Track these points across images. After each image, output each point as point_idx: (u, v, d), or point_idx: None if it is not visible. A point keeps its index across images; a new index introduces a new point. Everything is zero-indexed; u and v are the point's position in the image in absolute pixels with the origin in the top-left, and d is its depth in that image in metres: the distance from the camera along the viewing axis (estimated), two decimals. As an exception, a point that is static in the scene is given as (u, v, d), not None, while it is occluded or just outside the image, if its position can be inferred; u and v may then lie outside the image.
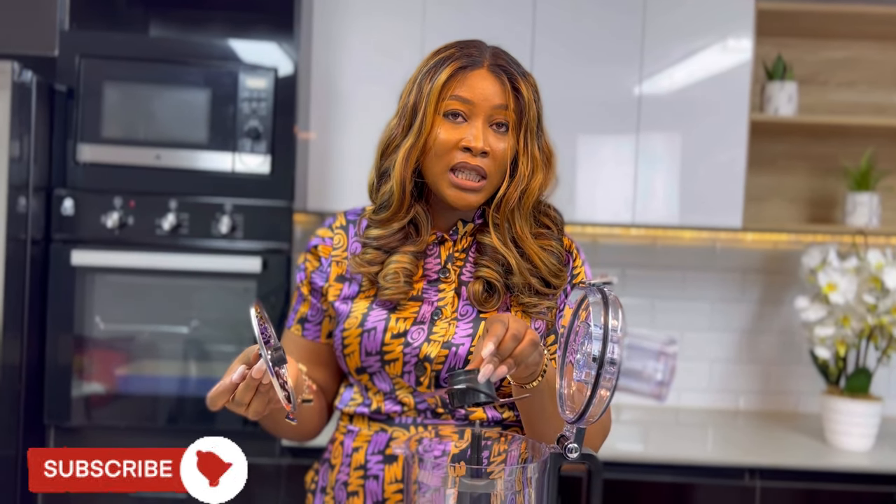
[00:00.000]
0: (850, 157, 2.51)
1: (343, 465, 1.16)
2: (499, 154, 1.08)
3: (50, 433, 2.09)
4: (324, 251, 1.18)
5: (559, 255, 1.14)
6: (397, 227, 1.12)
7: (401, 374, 1.10)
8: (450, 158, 1.07)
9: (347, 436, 1.17)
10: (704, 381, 2.64)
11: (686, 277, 2.63)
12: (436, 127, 1.08)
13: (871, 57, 2.57)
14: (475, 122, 1.07)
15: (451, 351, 1.08)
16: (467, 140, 1.06)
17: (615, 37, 2.27)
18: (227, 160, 2.07)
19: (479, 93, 1.07)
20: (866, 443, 2.15)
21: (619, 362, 0.79)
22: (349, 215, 1.22)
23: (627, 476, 2.06)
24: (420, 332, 1.10)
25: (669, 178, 2.30)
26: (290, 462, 2.08)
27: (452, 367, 1.08)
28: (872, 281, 2.09)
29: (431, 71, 1.09)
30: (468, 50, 1.10)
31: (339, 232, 1.19)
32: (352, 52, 2.27)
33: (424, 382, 1.10)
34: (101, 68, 2.06)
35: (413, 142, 1.08)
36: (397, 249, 1.12)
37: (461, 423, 1.11)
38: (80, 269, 2.06)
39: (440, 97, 1.07)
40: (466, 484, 0.81)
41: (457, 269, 1.14)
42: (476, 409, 1.07)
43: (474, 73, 1.08)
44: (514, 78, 1.09)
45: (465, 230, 1.15)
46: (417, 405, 1.11)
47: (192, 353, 2.13)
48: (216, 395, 0.95)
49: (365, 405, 1.15)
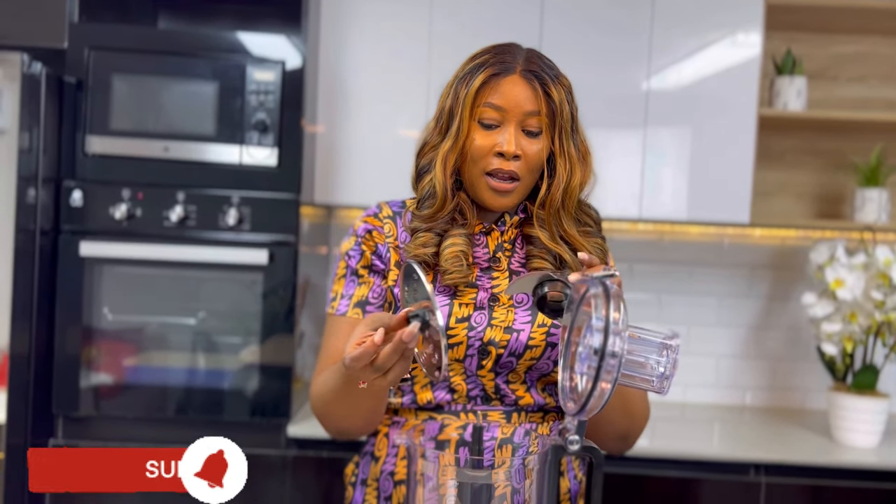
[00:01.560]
0: (859, 152, 2.49)
1: (389, 455, 1.18)
2: (532, 156, 1.13)
3: (59, 423, 2.10)
4: (378, 238, 1.20)
5: (602, 250, 1.19)
6: (443, 217, 1.15)
7: (462, 357, 1.13)
8: (485, 163, 1.13)
9: (392, 427, 1.20)
10: (711, 376, 2.64)
11: (693, 272, 2.62)
12: (471, 132, 1.13)
13: (881, 52, 2.55)
14: (508, 128, 1.12)
15: (512, 336, 1.12)
16: (500, 145, 1.11)
17: (624, 31, 2.26)
18: (235, 153, 2.08)
19: (512, 99, 1.11)
20: (873, 440, 2.14)
21: (621, 355, 0.79)
22: (393, 206, 1.24)
23: (633, 470, 2.05)
24: (482, 316, 1.14)
25: (677, 173, 2.29)
26: (297, 454, 2.09)
27: (513, 351, 1.12)
28: (880, 277, 2.08)
29: (467, 77, 1.14)
30: (502, 56, 1.14)
31: (388, 221, 1.22)
32: (359, 45, 2.27)
33: (487, 366, 1.13)
34: (111, 60, 2.07)
35: (451, 145, 1.13)
36: (448, 233, 1.15)
37: (509, 408, 1.15)
38: (89, 260, 2.07)
39: (475, 103, 1.12)
40: (467, 475, 0.82)
41: (507, 259, 1.18)
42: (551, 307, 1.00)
43: (507, 79, 1.12)
44: (546, 82, 1.13)
45: (512, 222, 1.19)
46: (469, 391, 1.15)
47: (200, 345, 2.14)
48: (359, 356, 0.88)
49: (410, 397, 1.17)
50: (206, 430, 2.15)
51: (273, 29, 2.18)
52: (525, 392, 1.15)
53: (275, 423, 2.10)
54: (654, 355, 0.89)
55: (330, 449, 2.07)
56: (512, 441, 1.10)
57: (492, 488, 0.84)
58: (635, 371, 0.88)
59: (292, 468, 2.08)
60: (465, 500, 0.82)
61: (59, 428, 2.10)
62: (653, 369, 0.88)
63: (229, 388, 2.12)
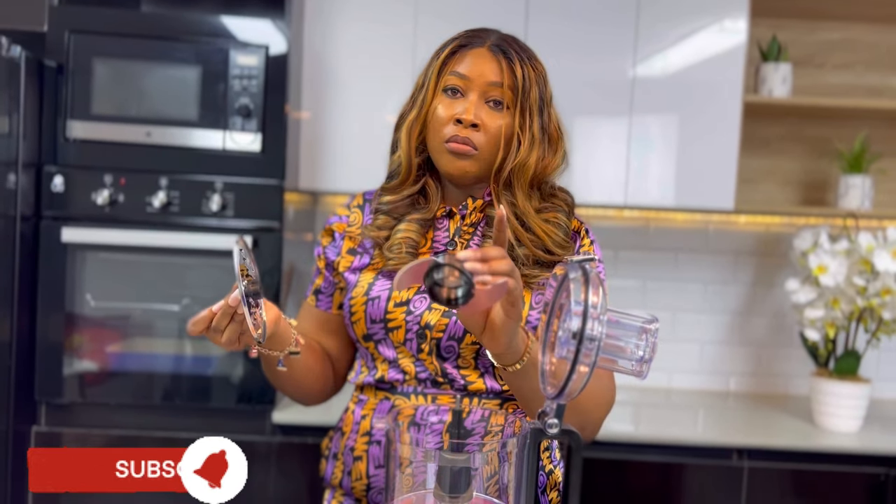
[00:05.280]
0: (844, 139, 2.50)
1: (352, 431, 1.21)
2: (491, 129, 1.12)
3: (41, 410, 2.09)
4: (338, 227, 1.25)
5: (566, 227, 1.16)
6: (406, 193, 1.18)
7: (403, 341, 1.15)
8: (444, 132, 1.13)
9: (357, 405, 1.23)
10: (696, 362, 2.65)
11: (679, 259, 2.63)
12: (435, 101, 1.14)
13: (866, 39, 2.56)
14: (470, 97, 1.12)
15: (451, 320, 1.12)
16: (458, 112, 1.11)
17: (610, 18, 2.25)
18: (218, 138, 2.06)
19: (475, 69, 1.12)
20: (854, 424, 2.16)
21: (599, 339, 0.79)
22: (367, 195, 1.28)
23: (617, 456, 2.07)
24: (422, 300, 1.14)
25: (662, 160, 2.30)
26: (282, 440, 2.09)
27: (452, 335, 1.12)
28: (863, 263, 2.09)
29: (438, 51, 1.17)
30: (475, 33, 1.17)
31: (356, 210, 1.26)
32: (344, 30, 2.25)
33: (425, 349, 1.14)
34: (91, 44, 2.04)
35: (416, 114, 1.15)
36: (405, 217, 1.17)
37: (460, 393, 1.15)
38: (71, 247, 2.06)
39: (440, 73, 1.14)
40: (446, 458, 0.81)
41: (464, 243, 1.18)
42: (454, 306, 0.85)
43: (473, 51, 1.14)
44: (512, 58, 1.13)
45: (475, 206, 1.19)
46: (418, 374, 1.15)
47: (184, 332, 2.13)
48: (197, 321, 1.02)
49: (371, 375, 1.20)
50: (191, 416, 2.16)
51: (257, 13, 2.16)
52: (478, 378, 1.14)
53: (259, 409, 2.10)
54: (633, 339, 0.88)
55: (315, 435, 2.06)
56: None
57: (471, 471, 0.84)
58: (614, 354, 0.88)
59: (277, 454, 2.08)
60: (443, 483, 0.82)
61: (41, 415, 2.09)
62: (632, 353, 0.88)
63: (214, 375, 2.11)
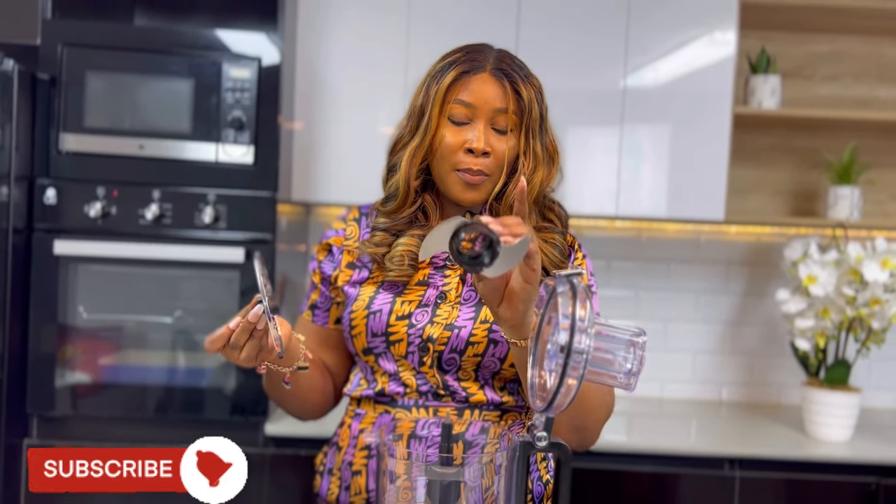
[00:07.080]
0: (833, 150, 2.52)
1: (350, 446, 1.21)
2: (499, 154, 1.14)
3: (33, 422, 2.09)
4: (335, 241, 1.25)
5: (561, 247, 1.18)
6: (405, 214, 1.19)
7: (405, 354, 1.15)
8: (455, 160, 1.14)
9: (355, 419, 1.22)
10: (688, 372, 2.66)
11: (670, 269, 2.65)
12: (441, 129, 1.14)
13: (855, 51, 2.58)
14: (477, 125, 1.13)
15: (453, 333, 1.13)
16: (470, 142, 1.13)
17: (600, 29, 2.27)
18: (211, 150, 2.07)
19: (481, 97, 1.13)
20: (845, 433, 2.17)
21: (587, 352, 0.80)
22: (363, 209, 1.28)
23: (610, 466, 2.07)
24: (424, 314, 1.15)
25: (653, 171, 2.31)
26: (274, 452, 2.08)
27: (454, 348, 1.13)
28: (852, 273, 2.10)
29: (438, 75, 1.15)
30: (473, 54, 1.16)
31: (352, 224, 1.26)
32: (337, 43, 2.26)
33: (427, 362, 1.14)
34: (85, 57, 2.05)
35: (419, 142, 1.15)
36: (405, 232, 1.18)
37: (461, 405, 1.15)
38: (63, 259, 2.06)
39: (445, 100, 1.14)
40: (436, 472, 0.82)
41: None
42: (479, 268, 0.87)
43: (476, 76, 1.14)
44: (515, 81, 1.15)
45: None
46: (419, 387, 1.16)
47: (177, 344, 2.13)
48: (215, 339, 0.99)
49: (370, 388, 1.20)
50: (184, 429, 2.16)
51: (250, 26, 2.17)
52: (478, 390, 1.15)
53: (253, 421, 2.10)
54: (621, 352, 0.89)
55: (308, 447, 2.06)
56: (463, 437, 1.11)
57: (461, 485, 0.84)
58: (603, 367, 0.89)
59: (271, 466, 2.08)
60: (434, 497, 0.83)
61: (33, 427, 2.09)
62: (620, 366, 0.89)
63: (208, 387, 2.11)
